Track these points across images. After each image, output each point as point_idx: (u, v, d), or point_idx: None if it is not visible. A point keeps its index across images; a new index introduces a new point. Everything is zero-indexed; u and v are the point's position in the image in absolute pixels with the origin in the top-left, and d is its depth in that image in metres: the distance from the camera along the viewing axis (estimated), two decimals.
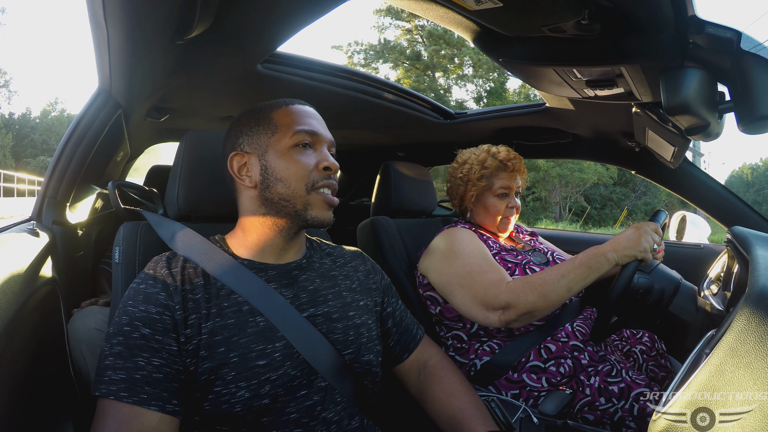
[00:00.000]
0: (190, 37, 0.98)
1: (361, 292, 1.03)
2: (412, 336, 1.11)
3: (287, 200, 0.89)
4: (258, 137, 0.91)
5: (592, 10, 0.90)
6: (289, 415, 0.82)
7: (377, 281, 1.09)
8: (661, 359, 1.44)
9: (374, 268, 1.12)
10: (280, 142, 0.90)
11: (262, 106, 0.95)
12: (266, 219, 0.91)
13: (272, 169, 0.89)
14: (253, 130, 0.92)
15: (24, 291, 0.90)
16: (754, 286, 0.68)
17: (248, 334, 0.83)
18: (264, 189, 0.90)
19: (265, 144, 0.90)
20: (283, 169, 0.88)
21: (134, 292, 0.82)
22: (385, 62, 22.71)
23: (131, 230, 1.05)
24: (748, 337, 0.59)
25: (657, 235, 1.20)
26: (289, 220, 0.91)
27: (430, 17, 1.10)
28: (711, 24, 0.89)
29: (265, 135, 0.91)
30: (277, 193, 0.89)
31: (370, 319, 1.00)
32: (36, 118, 38.46)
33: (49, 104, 44.98)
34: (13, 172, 17.81)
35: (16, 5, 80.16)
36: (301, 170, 0.89)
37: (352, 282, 1.03)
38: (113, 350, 0.76)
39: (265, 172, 0.89)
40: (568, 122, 1.86)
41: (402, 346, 1.09)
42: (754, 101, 0.91)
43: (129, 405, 0.72)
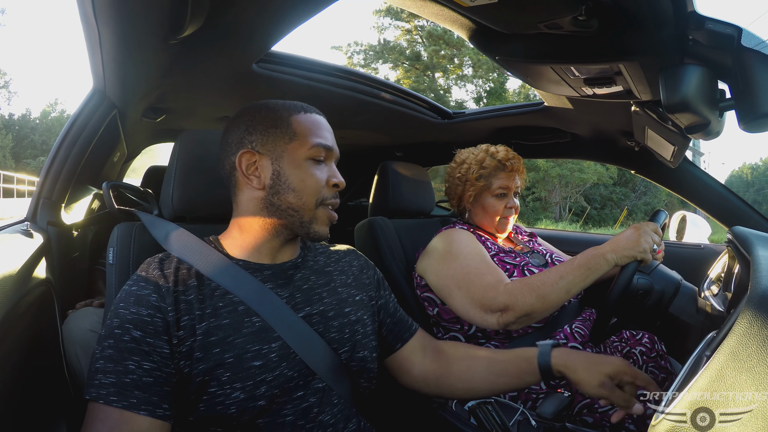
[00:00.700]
0: (183, 37, 0.97)
1: (356, 287, 1.03)
2: (406, 326, 1.10)
3: (296, 210, 0.89)
4: (273, 140, 0.89)
5: (589, 6, 0.89)
6: (284, 417, 0.81)
7: (370, 276, 1.09)
8: (661, 360, 1.43)
9: (367, 263, 1.11)
10: (297, 151, 0.89)
11: (278, 106, 0.92)
12: (266, 222, 0.91)
13: (285, 177, 0.88)
14: (269, 131, 0.90)
15: (16, 292, 0.89)
16: (756, 288, 0.67)
17: (244, 334, 0.82)
18: (272, 194, 0.89)
19: (281, 149, 0.89)
20: (297, 180, 0.88)
21: (126, 294, 0.81)
22: (385, 63, 22.77)
23: (125, 231, 1.04)
24: (750, 341, 0.58)
25: (657, 235, 1.19)
26: (291, 228, 0.91)
27: (425, 15, 1.10)
28: (711, 20, 0.89)
29: (282, 140, 0.89)
30: (286, 202, 0.88)
31: (365, 315, 1.00)
32: (36, 119, 38.51)
33: (48, 105, 45.20)
34: (12, 173, 17.82)
35: (16, 6, 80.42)
36: (315, 185, 0.89)
37: (348, 277, 1.03)
38: (104, 353, 0.75)
39: (277, 178, 0.88)
40: (567, 121, 1.85)
41: (395, 335, 1.07)
42: (756, 99, 0.90)
43: (119, 410, 0.71)
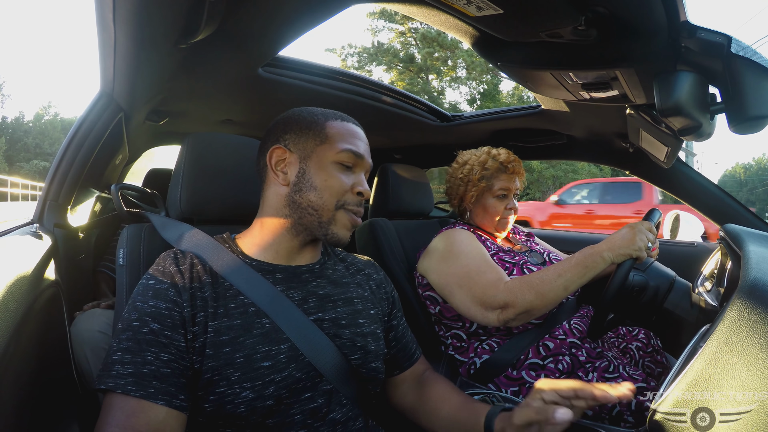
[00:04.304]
0: (193, 41, 0.98)
1: (372, 300, 1.02)
2: (408, 354, 1.09)
3: (315, 209, 0.90)
4: (305, 140, 0.91)
5: (588, 17, 0.92)
6: (293, 417, 0.82)
7: (388, 292, 1.09)
8: (657, 355, 1.46)
9: (386, 279, 1.12)
10: (326, 153, 0.90)
11: (318, 111, 0.95)
12: (287, 221, 0.92)
13: (310, 176, 0.90)
14: (303, 131, 0.92)
15: (29, 294, 0.90)
16: (745, 279, 0.70)
17: (254, 335, 0.82)
18: (295, 191, 0.90)
19: (311, 150, 0.91)
20: (320, 180, 0.89)
21: (144, 288, 0.82)
22: (379, 65, 22.63)
23: (135, 232, 1.04)
24: (741, 326, 0.61)
25: (651, 233, 1.22)
26: (310, 228, 0.92)
27: (431, 23, 1.12)
28: (702, 29, 0.91)
29: (313, 141, 0.91)
30: (307, 200, 0.90)
31: (378, 329, 1.00)
32: (29, 122, 38.23)
33: (42, 108, 44.78)
34: (6, 176, 17.64)
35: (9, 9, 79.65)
36: (338, 186, 0.90)
37: (365, 290, 1.03)
38: (121, 345, 0.76)
39: (302, 176, 0.90)
40: (563, 124, 1.87)
41: (395, 362, 1.07)
42: (744, 102, 0.93)
43: (136, 399, 0.72)
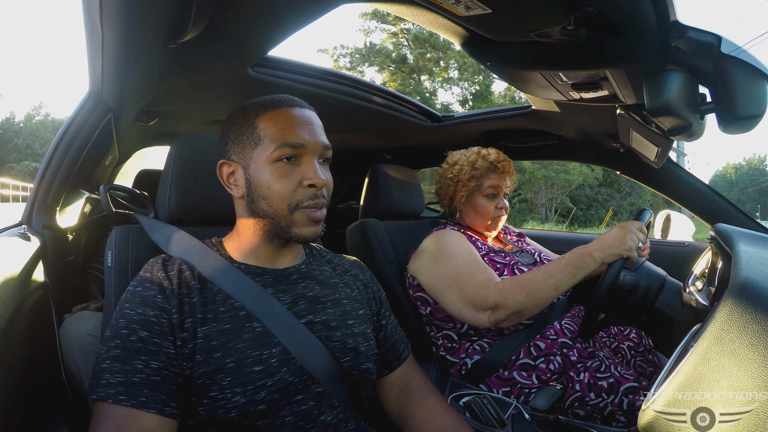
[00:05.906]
0: (182, 41, 0.98)
1: (360, 301, 1.01)
2: (397, 354, 1.07)
3: (271, 217, 0.87)
4: (243, 147, 0.88)
5: (577, 16, 0.92)
6: (284, 419, 0.82)
7: (375, 292, 1.08)
8: (648, 355, 1.47)
9: (372, 279, 1.11)
10: (262, 155, 0.86)
11: (249, 107, 0.90)
12: (256, 227, 0.90)
13: (255, 185, 0.86)
14: (239, 138, 0.88)
15: (17, 296, 0.89)
16: (736, 279, 0.70)
17: (245, 339, 0.82)
18: (249, 202, 0.88)
19: (249, 156, 0.87)
20: (265, 187, 0.85)
21: (131, 295, 0.81)
22: (371, 65, 22.70)
23: (123, 234, 1.03)
24: (731, 326, 0.61)
25: (642, 233, 1.22)
26: (277, 233, 0.89)
27: (420, 22, 1.12)
28: (692, 29, 0.92)
29: (249, 146, 0.87)
30: (261, 209, 0.87)
31: (368, 329, 0.99)
32: (20, 123, 37.90)
33: (33, 108, 44.36)
34: None
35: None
36: (283, 190, 0.85)
37: (352, 290, 1.02)
38: (110, 353, 0.75)
39: (249, 186, 0.87)
40: (554, 124, 1.88)
41: (384, 362, 1.06)
42: (734, 102, 0.94)
43: (127, 408, 0.71)
